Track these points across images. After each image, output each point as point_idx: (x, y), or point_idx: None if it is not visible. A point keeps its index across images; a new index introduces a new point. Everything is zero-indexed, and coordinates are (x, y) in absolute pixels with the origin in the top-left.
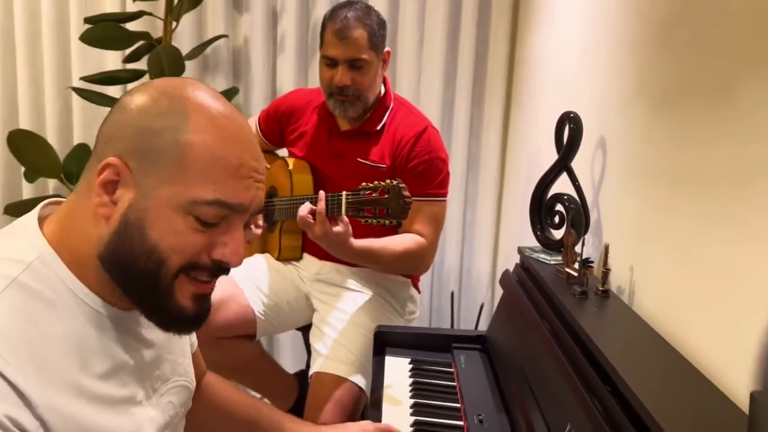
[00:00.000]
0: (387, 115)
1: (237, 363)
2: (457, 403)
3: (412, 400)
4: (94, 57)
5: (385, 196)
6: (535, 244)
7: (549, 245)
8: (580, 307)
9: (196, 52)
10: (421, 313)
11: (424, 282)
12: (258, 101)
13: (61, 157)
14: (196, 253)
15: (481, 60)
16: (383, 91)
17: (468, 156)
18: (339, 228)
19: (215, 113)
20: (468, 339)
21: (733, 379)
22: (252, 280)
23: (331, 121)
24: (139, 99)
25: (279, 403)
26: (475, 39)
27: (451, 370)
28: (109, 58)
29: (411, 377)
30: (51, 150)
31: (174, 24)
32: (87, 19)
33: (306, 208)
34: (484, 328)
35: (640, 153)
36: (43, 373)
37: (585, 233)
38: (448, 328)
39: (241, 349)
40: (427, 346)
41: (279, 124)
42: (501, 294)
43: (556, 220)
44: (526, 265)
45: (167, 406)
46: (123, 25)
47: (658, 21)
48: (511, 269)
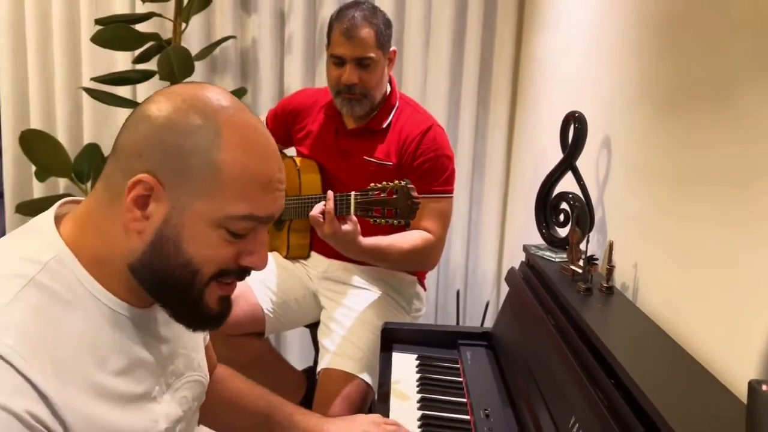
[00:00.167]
0: (393, 113)
1: (246, 360)
2: (464, 398)
3: (419, 395)
4: (103, 58)
5: (394, 197)
6: (540, 242)
7: (554, 243)
8: (584, 303)
9: (204, 53)
10: (427, 311)
11: (430, 280)
12: (266, 101)
13: (71, 156)
14: (227, 262)
15: (487, 61)
16: (389, 89)
17: (474, 156)
18: (348, 227)
19: (244, 128)
20: (474, 335)
21: (734, 372)
22: (261, 278)
23: (337, 120)
24: (166, 111)
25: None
26: (481, 40)
27: (458, 366)
28: (119, 59)
29: (418, 373)
30: (62, 149)
31: (183, 25)
32: (98, 21)
33: (318, 207)
34: (489, 326)
35: (645, 152)
36: (61, 372)
37: (590, 231)
38: (454, 325)
39: (250, 346)
40: (433, 342)
41: (286, 123)
42: (506, 292)
43: (561, 218)
44: (531, 263)
45: (181, 401)
46: (133, 26)
47: (662, 23)
48: (517, 267)
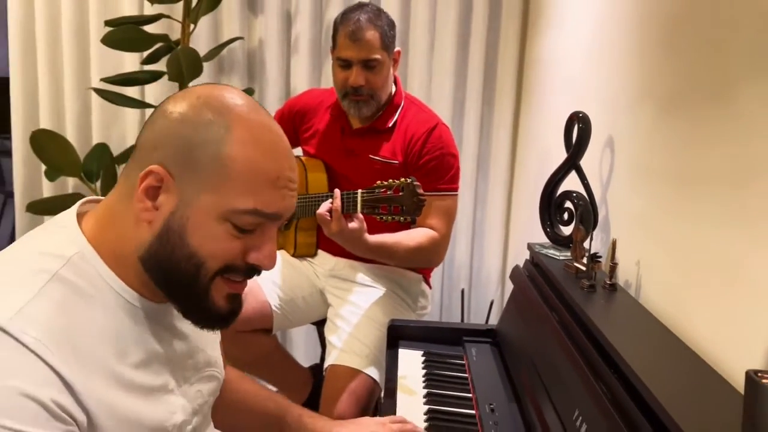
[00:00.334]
0: (398, 112)
1: (253, 356)
2: (469, 393)
3: (426, 390)
4: (112, 59)
5: (400, 194)
6: (544, 240)
7: (558, 241)
8: (588, 300)
9: (212, 54)
10: (432, 310)
11: (435, 280)
12: (272, 101)
13: (80, 156)
14: (232, 258)
15: (492, 61)
16: (394, 89)
17: (478, 155)
18: (354, 224)
19: (255, 125)
20: (479, 332)
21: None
22: (269, 275)
23: (343, 120)
24: (182, 107)
25: (293, 396)
26: (486, 41)
27: (463, 362)
28: (127, 60)
29: (424, 368)
30: (72, 149)
31: (192, 26)
32: (108, 22)
33: (326, 205)
34: (494, 324)
35: (647, 152)
36: (84, 362)
37: (593, 229)
38: (459, 322)
39: (258, 343)
40: (439, 339)
41: (293, 123)
42: (511, 290)
43: (565, 216)
44: (536, 261)
45: (196, 395)
46: (142, 27)
47: (664, 24)
48: (521, 266)
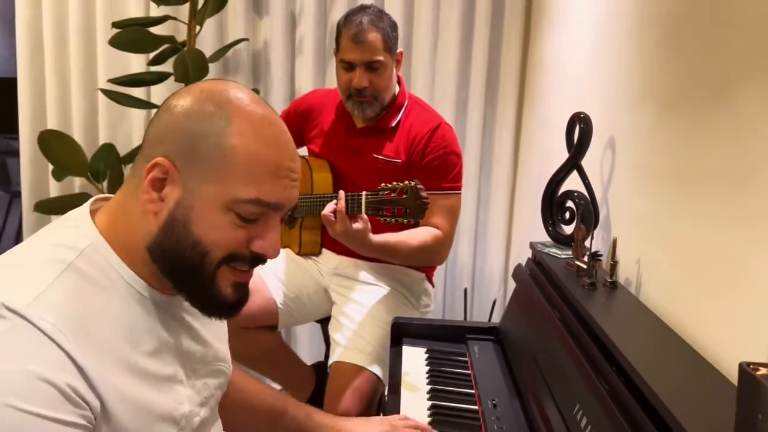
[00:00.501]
0: (402, 112)
1: (258, 353)
2: (472, 389)
3: (429, 386)
4: (118, 60)
5: (404, 197)
6: (546, 239)
7: (560, 240)
8: (589, 297)
9: (218, 55)
10: (435, 309)
11: (438, 279)
12: (277, 102)
13: (87, 156)
14: (236, 246)
15: (494, 62)
16: (398, 89)
17: (481, 155)
18: (358, 225)
19: (256, 117)
20: (481, 330)
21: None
22: (274, 273)
23: (347, 119)
24: (185, 101)
25: (297, 393)
26: (488, 42)
27: (466, 359)
28: (133, 61)
29: (427, 365)
30: (79, 149)
31: (198, 28)
32: (115, 24)
33: (330, 206)
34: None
35: (648, 152)
36: (98, 349)
37: (594, 228)
38: (462, 320)
39: (263, 339)
40: (442, 337)
41: (298, 123)
42: (513, 289)
43: (567, 216)
44: (538, 260)
45: (203, 387)
46: (149, 29)
47: (665, 24)
48: (524, 264)
